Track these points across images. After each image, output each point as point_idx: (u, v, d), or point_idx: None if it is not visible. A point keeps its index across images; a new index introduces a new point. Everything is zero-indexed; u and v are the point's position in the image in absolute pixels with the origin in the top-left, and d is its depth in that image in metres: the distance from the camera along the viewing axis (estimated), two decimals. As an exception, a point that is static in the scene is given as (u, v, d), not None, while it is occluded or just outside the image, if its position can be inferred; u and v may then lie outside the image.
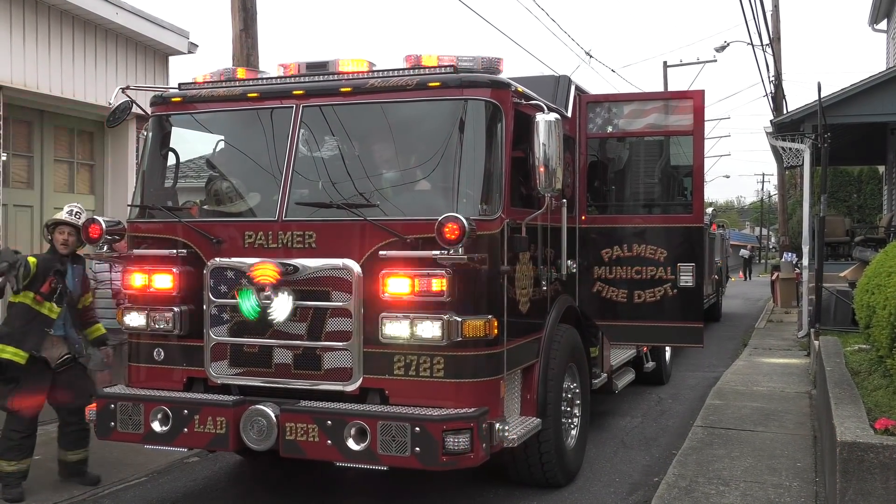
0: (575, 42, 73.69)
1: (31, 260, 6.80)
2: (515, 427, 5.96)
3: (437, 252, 5.46)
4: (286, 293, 5.82)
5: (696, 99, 7.85)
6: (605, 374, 8.32)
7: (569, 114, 7.58)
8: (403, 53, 6.28)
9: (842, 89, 15.16)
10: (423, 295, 5.57)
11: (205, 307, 6.12)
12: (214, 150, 7.07)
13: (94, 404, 6.30)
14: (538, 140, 5.84)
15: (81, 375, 7.19)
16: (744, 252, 25.92)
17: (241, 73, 6.71)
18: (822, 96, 13.25)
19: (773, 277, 23.96)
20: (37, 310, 6.84)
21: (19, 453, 6.73)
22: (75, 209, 7.12)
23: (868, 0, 20.15)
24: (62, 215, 7.06)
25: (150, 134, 6.75)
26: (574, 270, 7.56)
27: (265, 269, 5.81)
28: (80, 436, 7.08)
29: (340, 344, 5.78)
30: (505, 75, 6.15)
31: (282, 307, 5.82)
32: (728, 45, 30.68)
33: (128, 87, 6.77)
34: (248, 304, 5.89)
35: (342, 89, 6.15)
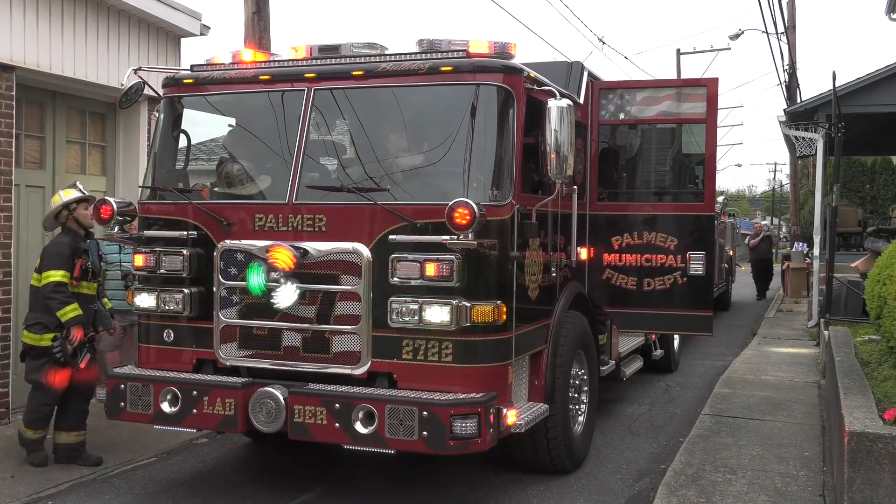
0: (588, 28, 73.45)
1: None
2: (523, 413, 5.97)
3: (447, 237, 5.45)
4: (293, 283, 5.83)
5: (709, 87, 7.79)
6: (614, 362, 8.31)
7: (581, 100, 7.54)
8: (416, 37, 6.26)
9: (857, 79, 15.01)
10: (433, 280, 5.57)
11: (215, 289, 6.15)
12: (226, 132, 7.08)
13: (105, 384, 6.35)
14: (550, 126, 5.81)
15: (95, 356, 7.27)
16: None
17: (255, 55, 6.70)
18: (836, 85, 13.14)
19: (784, 267, 23.86)
20: (77, 292, 6.98)
21: (45, 423, 7.03)
22: (79, 185, 7.28)
23: (885, -12, 19.92)
24: (76, 193, 7.12)
25: (162, 115, 6.76)
26: (584, 257, 7.55)
27: (282, 254, 5.77)
28: (81, 417, 7.18)
29: (349, 327, 5.79)
30: (517, 61, 6.12)
31: (287, 294, 5.83)
32: (742, 32, 30.44)
33: (140, 69, 6.77)
34: (256, 279, 5.88)
35: (354, 73, 6.13)
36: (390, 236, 5.71)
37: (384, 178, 5.95)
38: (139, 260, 6.45)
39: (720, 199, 18.42)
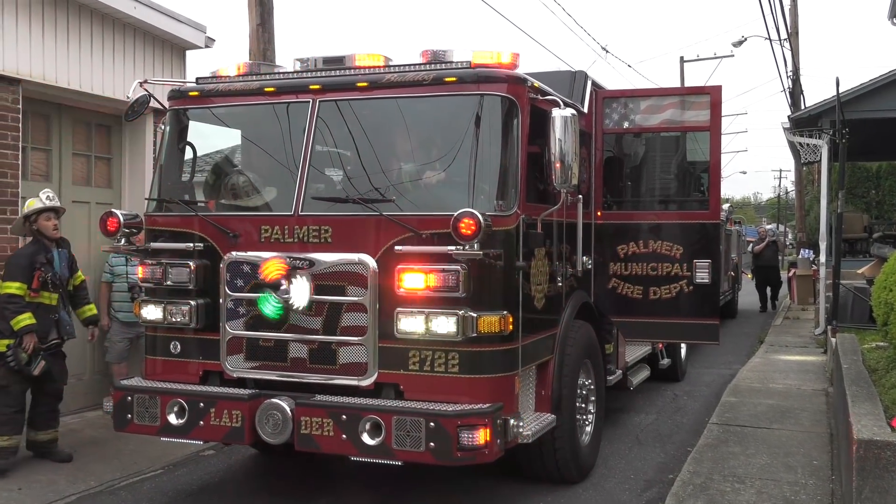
0: (591, 37, 73.53)
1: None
2: (530, 423, 5.96)
3: (453, 247, 5.45)
4: (301, 278, 5.83)
5: (713, 94, 7.80)
6: (620, 371, 8.30)
7: (585, 109, 7.55)
8: (420, 48, 6.28)
9: (860, 84, 15.03)
10: (439, 290, 5.57)
11: (221, 301, 6.15)
12: (231, 144, 7.10)
13: (112, 396, 6.35)
14: (554, 135, 5.82)
15: (62, 358, 7.46)
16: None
17: (259, 67, 6.73)
18: (840, 91, 13.11)
19: (790, 274, 23.80)
20: (37, 302, 7.11)
21: (12, 428, 7.08)
22: (50, 194, 7.40)
23: (888, -6, 19.93)
24: (42, 203, 7.26)
25: (168, 128, 6.78)
26: (589, 266, 7.54)
27: (272, 266, 5.84)
28: (51, 416, 7.38)
29: (356, 338, 5.79)
30: (521, 70, 6.13)
31: (301, 293, 5.83)
32: (745, 39, 30.50)
33: (145, 81, 6.80)
34: (269, 306, 5.90)
35: (358, 84, 6.15)
36: (396, 247, 5.72)
37: (389, 188, 5.96)
38: (145, 272, 6.46)
39: (725, 206, 18.36)
